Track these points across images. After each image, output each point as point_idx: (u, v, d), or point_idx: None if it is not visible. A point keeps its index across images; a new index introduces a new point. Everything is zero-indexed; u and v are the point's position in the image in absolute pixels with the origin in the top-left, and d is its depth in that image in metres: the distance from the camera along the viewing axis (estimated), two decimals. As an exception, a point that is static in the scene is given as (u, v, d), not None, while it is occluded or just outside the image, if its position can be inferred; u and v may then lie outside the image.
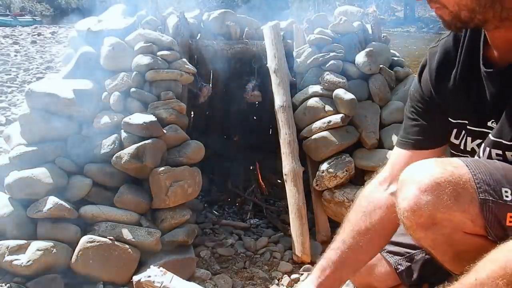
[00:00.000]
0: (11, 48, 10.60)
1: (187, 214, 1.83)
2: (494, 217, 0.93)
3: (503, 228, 0.94)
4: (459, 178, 0.94)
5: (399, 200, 0.99)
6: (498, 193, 0.94)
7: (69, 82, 1.90)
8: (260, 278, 1.86)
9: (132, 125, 1.78)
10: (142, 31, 2.01)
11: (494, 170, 0.99)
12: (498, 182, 0.95)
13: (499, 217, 0.93)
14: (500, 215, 0.92)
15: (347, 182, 2.06)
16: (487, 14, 0.90)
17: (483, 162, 1.01)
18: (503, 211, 0.92)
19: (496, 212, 0.92)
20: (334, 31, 2.33)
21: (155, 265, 1.06)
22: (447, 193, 0.93)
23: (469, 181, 0.94)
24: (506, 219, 0.92)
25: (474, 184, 0.94)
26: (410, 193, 0.96)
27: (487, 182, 0.95)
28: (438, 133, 1.07)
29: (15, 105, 4.76)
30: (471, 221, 0.95)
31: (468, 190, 0.93)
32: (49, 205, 1.65)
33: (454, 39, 1.01)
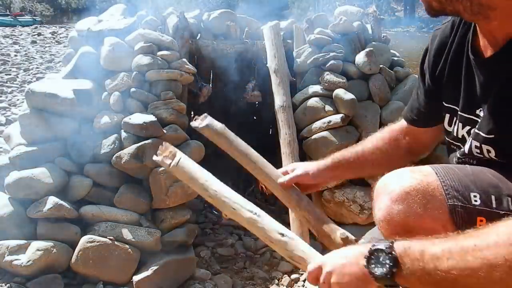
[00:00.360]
0: (11, 48, 10.61)
1: (187, 214, 1.83)
2: (464, 222, 0.94)
3: None
4: (428, 186, 0.96)
5: (375, 211, 1.02)
6: (467, 198, 0.95)
7: (69, 82, 1.90)
8: (260, 278, 1.86)
9: (132, 125, 1.78)
10: (142, 31, 2.01)
11: (463, 176, 1.00)
12: (467, 187, 0.97)
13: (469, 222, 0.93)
14: (470, 219, 0.93)
15: (347, 182, 2.06)
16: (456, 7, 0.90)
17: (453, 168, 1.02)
18: (473, 215, 0.93)
19: (465, 217, 0.93)
20: (334, 31, 2.33)
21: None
22: (417, 201, 0.95)
23: (437, 188, 0.96)
24: (476, 223, 0.93)
25: (443, 191, 0.95)
26: (383, 204, 0.99)
27: (455, 188, 0.96)
28: (433, 116, 1.11)
29: (15, 105, 4.76)
30: (442, 227, 0.95)
31: (437, 197, 0.95)
32: (49, 205, 1.65)
33: (452, 25, 1.03)
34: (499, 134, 0.94)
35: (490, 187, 0.98)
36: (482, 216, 0.94)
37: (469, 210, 0.93)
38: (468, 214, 0.93)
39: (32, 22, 20.93)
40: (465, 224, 0.94)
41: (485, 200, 0.94)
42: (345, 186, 2.05)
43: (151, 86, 1.94)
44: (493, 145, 0.97)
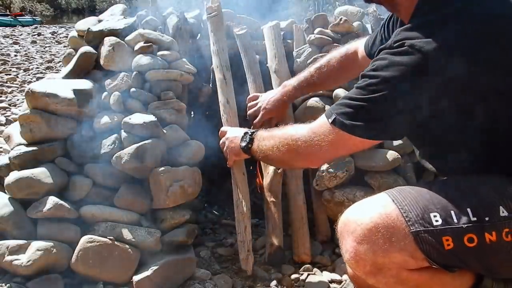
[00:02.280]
0: (11, 48, 10.61)
1: (187, 214, 1.83)
2: (431, 246, 0.94)
3: (445, 254, 0.94)
4: (388, 218, 0.97)
5: (343, 253, 1.04)
6: (427, 220, 0.95)
7: (69, 82, 1.90)
8: (260, 278, 1.86)
9: (132, 125, 1.78)
10: (142, 31, 2.01)
11: (419, 196, 1.00)
12: (426, 208, 0.96)
13: (435, 245, 0.93)
14: (436, 242, 0.93)
15: (347, 182, 2.06)
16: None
17: (408, 190, 1.04)
18: (438, 237, 0.93)
19: (430, 240, 0.93)
20: (334, 31, 2.33)
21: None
22: (381, 236, 0.96)
23: (398, 217, 0.96)
24: (443, 244, 0.93)
25: (403, 219, 0.96)
26: (349, 246, 1.01)
27: (415, 213, 0.96)
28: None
29: (15, 105, 4.77)
30: (411, 257, 0.97)
31: (399, 227, 0.96)
32: (49, 205, 1.65)
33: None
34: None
35: (448, 203, 0.98)
36: (446, 235, 0.94)
37: (432, 232, 0.93)
38: (432, 237, 0.94)
39: (32, 22, 20.94)
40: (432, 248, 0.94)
41: (446, 218, 0.94)
42: (345, 186, 2.05)
43: (151, 86, 1.94)
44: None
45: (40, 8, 34.23)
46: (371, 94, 1.01)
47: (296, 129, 1.26)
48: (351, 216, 1.04)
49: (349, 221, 1.02)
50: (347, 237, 1.01)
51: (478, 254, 0.93)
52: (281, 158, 1.32)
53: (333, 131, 1.08)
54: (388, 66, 0.98)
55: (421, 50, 0.94)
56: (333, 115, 1.08)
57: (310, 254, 1.98)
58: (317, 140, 1.14)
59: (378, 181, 2.01)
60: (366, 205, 1.04)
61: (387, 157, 1.98)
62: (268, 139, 1.38)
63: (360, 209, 1.03)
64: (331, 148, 1.12)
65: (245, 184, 1.89)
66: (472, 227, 0.92)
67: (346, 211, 1.07)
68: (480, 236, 0.91)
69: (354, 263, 1.00)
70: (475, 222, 0.92)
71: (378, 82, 1.00)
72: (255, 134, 1.47)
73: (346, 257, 1.02)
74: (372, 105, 1.01)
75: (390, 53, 1.00)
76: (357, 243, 0.98)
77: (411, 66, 0.95)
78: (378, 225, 0.96)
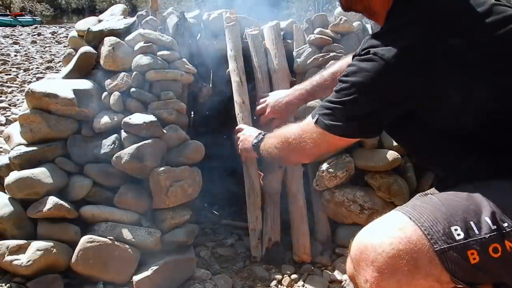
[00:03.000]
0: (11, 48, 10.61)
1: (187, 214, 1.83)
2: (456, 264, 0.90)
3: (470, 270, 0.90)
4: (410, 241, 0.92)
5: (361, 283, 0.99)
6: (449, 235, 0.91)
7: (69, 82, 1.90)
8: (260, 278, 1.86)
9: (132, 125, 1.78)
10: (142, 31, 2.01)
11: (435, 210, 0.96)
12: (445, 222, 0.93)
13: (461, 262, 0.89)
14: (461, 258, 0.89)
15: (347, 182, 2.06)
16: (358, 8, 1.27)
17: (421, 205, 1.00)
18: (462, 252, 0.89)
19: (456, 257, 0.89)
20: (334, 31, 2.33)
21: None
22: (405, 264, 0.91)
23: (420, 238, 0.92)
24: (469, 258, 0.89)
25: (425, 238, 0.91)
26: (369, 276, 0.95)
27: (436, 229, 0.92)
28: None
29: (15, 105, 4.77)
30: (437, 282, 0.91)
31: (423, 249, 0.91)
32: (49, 205, 1.65)
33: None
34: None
35: (465, 213, 0.94)
36: (471, 248, 0.89)
37: (457, 248, 0.90)
38: (457, 253, 0.89)
39: (32, 22, 20.94)
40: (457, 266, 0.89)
41: (467, 230, 0.91)
42: (345, 186, 2.05)
43: (151, 86, 1.94)
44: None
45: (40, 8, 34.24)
46: (343, 97, 1.12)
47: (288, 128, 1.42)
48: (368, 241, 0.97)
49: (367, 248, 0.96)
50: (367, 267, 0.95)
51: (504, 263, 0.89)
52: (279, 155, 1.49)
53: (317, 130, 1.22)
54: (356, 72, 1.08)
55: (383, 57, 1.02)
56: (316, 115, 1.22)
57: (310, 254, 1.99)
58: (304, 137, 1.29)
59: (378, 181, 2.01)
60: (382, 228, 0.98)
61: (387, 157, 1.98)
62: (270, 138, 1.57)
63: (377, 233, 0.97)
64: (316, 145, 1.26)
65: (256, 176, 2.02)
66: (494, 236, 0.89)
67: (360, 235, 1.01)
68: (502, 245, 0.88)
69: None
70: (495, 230, 0.89)
71: (348, 87, 1.10)
72: (266, 135, 1.65)
73: (366, 287, 0.96)
74: (345, 107, 1.12)
75: (358, 59, 1.10)
76: (379, 273, 0.92)
77: (375, 72, 1.04)
78: (401, 251, 0.90)
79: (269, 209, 2.01)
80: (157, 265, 1.68)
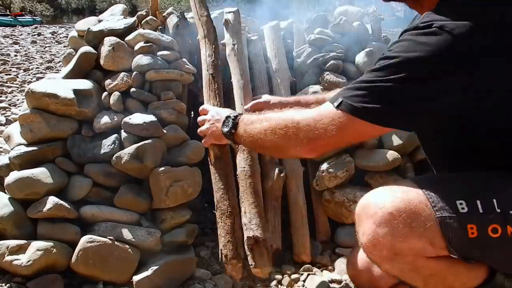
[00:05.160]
0: (11, 48, 10.60)
1: (187, 214, 1.83)
2: (454, 233, 0.92)
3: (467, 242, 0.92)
4: (411, 203, 0.94)
5: (360, 236, 1.02)
6: (453, 207, 0.93)
7: (69, 82, 1.90)
8: (260, 278, 1.86)
9: (132, 125, 1.78)
10: (142, 31, 2.01)
11: (443, 184, 0.98)
12: (451, 195, 0.95)
13: (459, 232, 0.92)
14: (461, 229, 0.92)
15: (347, 182, 2.06)
16: None
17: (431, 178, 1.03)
18: (463, 224, 0.92)
19: (456, 227, 0.92)
20: (334, 31, 2.33)
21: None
22: (401, 221, 0.93)
23: (422, 203, 0.94)
24: (467, 231, 0.92)
25: (429, 203, 0.94)
26: (367, 228, 0.98)
27: (440, 199, 0.94)
28: None
29: (15, 105, 4.76)
30: (431, 245, 0.94)
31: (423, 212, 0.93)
32: (49, 205, 1.65)
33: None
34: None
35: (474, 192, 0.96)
36: (472, 223, 0.92)
37: (458, 219, 0.92)
38: (458, 224, 0.92)
39: (32, 22, 20.91)
40: (455, 236, 0.92)
41: (472, 206, 0.93)
42: (345, 186, 2.05)
43: (151, 86, 1.94)
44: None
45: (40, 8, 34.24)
46: (389, 75, 0.91)
47: (298, 112, 1.13)
48: (372, 199, 1.00)
49: (370, 204, 0.99)
50: (366, 220, 0.98)
51: (500, 245, 0.92)
52: (276, 143, 1.14)
53: (341, 115, 0.98)
54: (412, 47, 0.90)
55: (452, 32, 0.86)
56: (340, 98, 0.98)
57: (310, 254, 1.99)
58: (322, 124, 1.02)
59: (378, 181, 2.01)
60: (388, 189, 1.00)
61: (387, 157, 1.98)
62: (260, 121, 1.20)
63: (382, 193, 1.00)
64: (338, 134, 1.00)
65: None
66: (497, 217, 0.90)
67: (366, 195, 1.03)
68: (503, 228, 0.90)
69: (371, 246, 0.97)
70: (500, 213, 0.91)
71: (398, 63, 0.90)
72: (240, 118, 1.28)
73: (363, 240, 0.99)
74: (389, 87, 0.91)
75: (415, 34, 0.91)
76: (376, 226, 0.95)
77: (439, 47, 0.86)
78: (400, 209, 0.93)
79: (270, 216, 2.01)
80: (157, 265, 1.68)
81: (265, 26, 2.35)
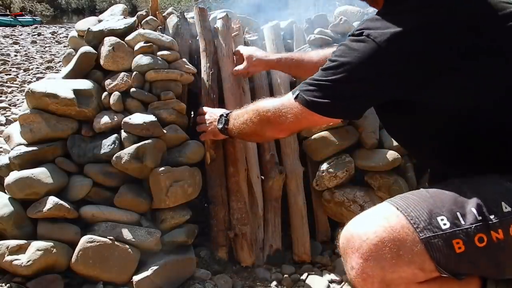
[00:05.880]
0: (11, 48, 10.61)
1: (187, 214, 1.83)
2: (441, 252, 0.91)
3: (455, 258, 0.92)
4: (393, 229, 0.94)
5: (348, 270, 1.01)
6: (435, 225, 0.92)
7: (69, 82, 1.90)
8: (260, 278, 1.86)
9: (132, 125, 1.78)
10: (142, 31, 2.01)
11: (422, 201, 0.98)
12: (431, 212, 0.94)
13: (446, 250, 0.91)
14: (447, 247, 0.91)
15: (347, 182, 2.06)
16: None
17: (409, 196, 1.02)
18: (448, 241, 0.91)
19: (441, 245, 0.91)
20: (334, 31, 2.33)
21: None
22: (388, 251, 0.93)
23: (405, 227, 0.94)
24: (454, 248, 0.91)
25: (411, 226, 0.93)
26: (355, 263, 0.97)
27: (423, 218, 0.94)
28: None
29: (15, 105, 4.77)
30: (421, 270, 0.93)
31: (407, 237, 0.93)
32: (49, 205, 1.65)
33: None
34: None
35: (452, 205, 0.96)
36: (457, 238, 0.91)
37: (442, 236, 0.91)
38: (443, 242, 0.91)
39: (32, 22, 20.92)
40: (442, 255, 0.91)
41: (453, 221, 0.92)
42: (345, 186, 2.05)
43: (151, 86, 1.94)
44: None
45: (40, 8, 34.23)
46: (331, 76, 1.11)
47: (268, 101, 1.41)
48: (354, 231, 1.00)
49: (353, 236, 0.98)
50: (352, 255, 0.97)
51: (489, 253, 0.91)
52: (254, 129, 1.44)
53: (298, 106, 1.21)
54: (346, 52, 1.09)
55: (375, 40, 1.03)
56: (297, 91, 1.21)
57: (310, 254, 1.99)
58: (284, 111, 1.27)
59: (378, 181, 2.01)
60: (368, 218, 1.00)
61: (387, 157, 1.98)
62: (242, 115, 1.52)
63: (363, 223, 0.99)
64: (295, 121, 1.25)
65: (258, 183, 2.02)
66: (480, 226, 0.91)
67: (347, 225, 1.03)
68: (488, 235, 0.90)
69: (361, 281, 0.96)
70: (481, 221, 0.91)
71: (336, 66, 1.10)
72: (230, 115, 1.62)
73: (352, 274, 0.98)
74: (331, 85, 1.11)
75: (350, 39, 1.10)
76: (363, 260, 0.94)
77: (365, 53, 1.04)
78: (384, 238, 0.93)
79: (270, 216, 2.01)
80: (157, 265, 1.68)
81: (265, 26, 2.35)
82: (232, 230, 1.94)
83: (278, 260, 1.97)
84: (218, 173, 1.98)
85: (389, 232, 0.93)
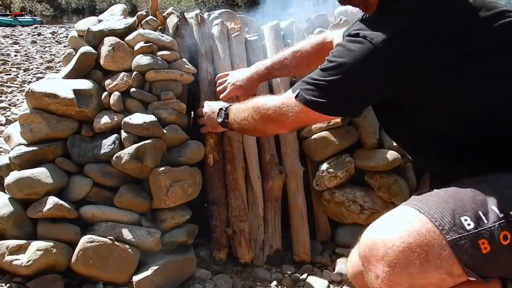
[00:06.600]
0: (11, 48, 10.60)
1: (187, 214, 1.83)
2: (469, 254, 0.89)
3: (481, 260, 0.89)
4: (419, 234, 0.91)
5: (372, 280, 0.96)
6: (460, 225, 0.90)
7: (69, 82, 1.90)
8: (260, 278, 1.86)
9: (132, 125, 1.78)
10: (142, 31, 2.01)
11: (442, 202, 0.95)
12: (454, 213, 0.92)
13: (473, 252, 0.89)
14: (473, 248, 0.89)
15: (347, 182, 2.06)
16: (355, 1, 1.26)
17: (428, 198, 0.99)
18: (474, 242, 0.89)
19: (468, 247, 0.89)
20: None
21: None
22: (416, 257, 0.89)
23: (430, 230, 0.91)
24: (480, 248, 0.89)
25: (436, 229, 0.90)
26: (381, 272, 0.93)
27: (447, 219, 0.91)
28: None
29: (15, 105, 4.77)
30: (449, 275, 0.90)
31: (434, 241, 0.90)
32: (49, 205, 1.65)
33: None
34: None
35: (472, 204, 0.93)
36: (482, 238, 0.89)
37: (468, 237, 0.89)
38: (470, 243, 0.88)
39: (32, 22, 20.93)
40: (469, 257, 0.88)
41: (476, 220, 0.90)
42: (345, 186, 2.05)
43: (151, 86, 1.94)
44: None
45: (40, 8, 34.23)
46: (328, 76, 1.14)
47: (268, 99, 1.44)
48: (377, 238, 0.95)
49: (376, 244, 0.94)
50: (377, 263, 0.93)
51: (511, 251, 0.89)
52: (255, 126, 1.48)
53: (298, 104, 1.24)
54: (343, 53, 1.11)
55: (372, 41, 1.05)
56: (297, 90, 1.24)
57: (310, 254, 1.99)
58: (285, 110, 1.30)
59: (378, 181, 2.01)
60: (390, 223, 0.96)
61: (387, 157, 1.98)
62: (242, 111, 1.54)
63: (386, 229, 0.95)
64: (296, 119, 1.29)
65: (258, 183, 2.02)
66: (503, 223, 0.89)
67: (368, 231, 0.99)
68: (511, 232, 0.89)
69: None
70: (503, 218, 0.89)
71: (333, 66, 1.13)
72: (229, 109, 1.64)
73: (377, 283, 0.93)
74: (329, 85, 1.15)
75: (347, 40, 1.13)
76: (390, 268, 0.90)
77: (361, 54, 1.07)
78: (411, 244, 0.89)
79: (270, 216, 2.01)
80: (157, 265, 1.68)
81: (265, 26, 2.35)
82: (230, 227, 1.95)
83: (278, 260, 1.97)
84: (220, 175, 1.99)
85: (416, 237, 0.90)
